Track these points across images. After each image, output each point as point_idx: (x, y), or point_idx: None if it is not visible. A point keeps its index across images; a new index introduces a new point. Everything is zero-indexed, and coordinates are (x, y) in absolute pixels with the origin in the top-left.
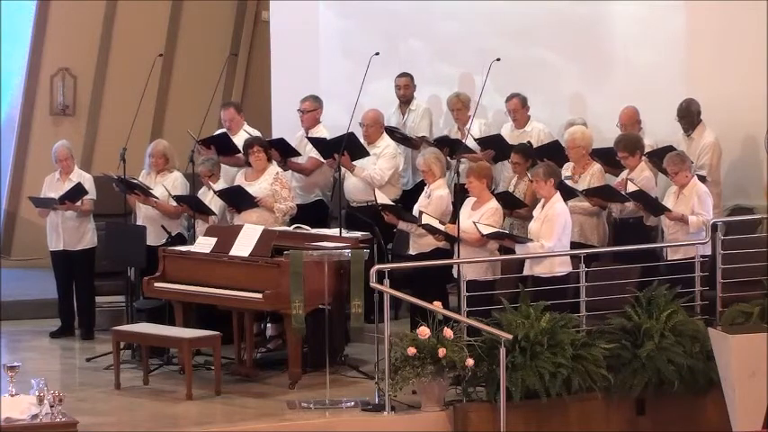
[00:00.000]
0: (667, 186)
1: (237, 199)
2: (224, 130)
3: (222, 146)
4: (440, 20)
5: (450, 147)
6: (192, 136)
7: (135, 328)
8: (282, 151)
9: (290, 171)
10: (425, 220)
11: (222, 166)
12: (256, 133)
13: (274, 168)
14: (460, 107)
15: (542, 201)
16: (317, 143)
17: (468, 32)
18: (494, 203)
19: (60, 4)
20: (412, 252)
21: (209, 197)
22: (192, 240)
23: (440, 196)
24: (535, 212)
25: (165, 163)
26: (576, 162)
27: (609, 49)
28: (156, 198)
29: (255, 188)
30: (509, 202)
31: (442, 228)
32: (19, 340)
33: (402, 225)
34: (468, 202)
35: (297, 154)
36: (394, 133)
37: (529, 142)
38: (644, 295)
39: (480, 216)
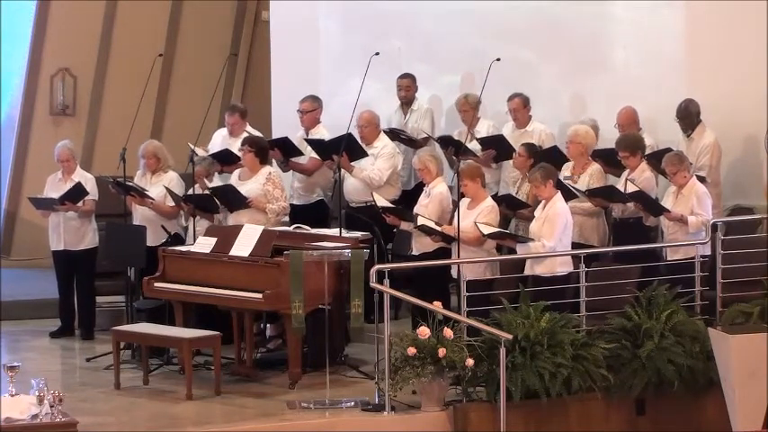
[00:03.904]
0: (667, 187)
1: (229, 198)
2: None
3: (286, 149)
4: (439, 20)
5: (455, 146)
6: (192, 148)
7: (135, 328)
8: (285, 150)
9: (291, 171)
10: (421, 221)
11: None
12: (258, 134)
13: (267, 168)
14: (467, 108)
15: (543, 201)
16: (315, 144)
17: (463, 33)
18: (489, 202)
19: (60, 4)
20: (415, 252)
21: None
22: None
23: (439, 194)
24: (536, 212)
25: (158, 163)
26: (575, 159)
27: (608, 49)
28: (152, 199)
29: (247, 188)
30: (511, 204)
31: (438, 228)
32: (19, 340)
33: (405, 225)
34: (464, 202)
35: (299, 153)
36: (399, 135)
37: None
38: (644, 295)
39: (477, 215)
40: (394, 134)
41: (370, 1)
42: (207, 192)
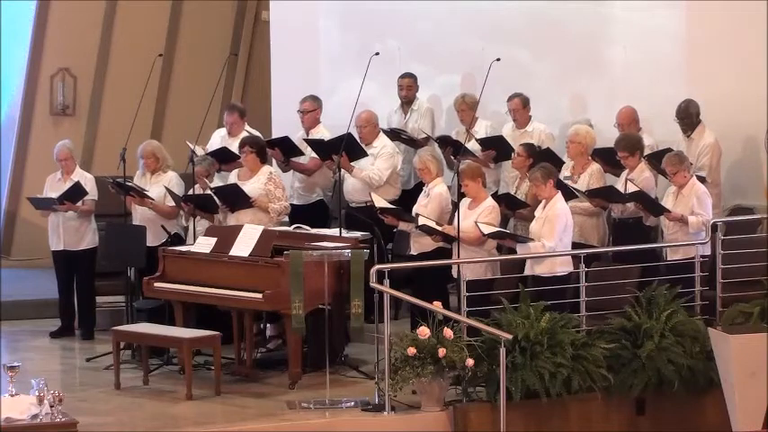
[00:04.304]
0: (667, 187)
1: (233, 198)
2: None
3: (287, 149)
4: (438, 20)
5: (453, 146)
6: (191, 147)
7: (135, 328)
8: (285, 150)
9: (291, 171)
10: (422, 221)
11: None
12: (256, 134)
13: (267, 168)
14: (465, 108)
15: (543, 201)
16: (315, 144)
17: (462, 34)
18: (490, 202)
19: (60, 4)
20: (413, 252)
21: None
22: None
23: (439, 194)
24: (537, 212)
25: (157, 163)
26: (574, 159)
27: (608, 49)
28: (152, 199)
29: (248, 188)
30: (510, 203)
31: (439, 228)
32: (19, 340)
33: (402, 226)
34: (465, 202)
35: (300, 153)
36: (400, 135)
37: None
38: (644, 295)
39: (478, 215)
40: (395, 134)
41: (369, 1)
42: (208, 191)
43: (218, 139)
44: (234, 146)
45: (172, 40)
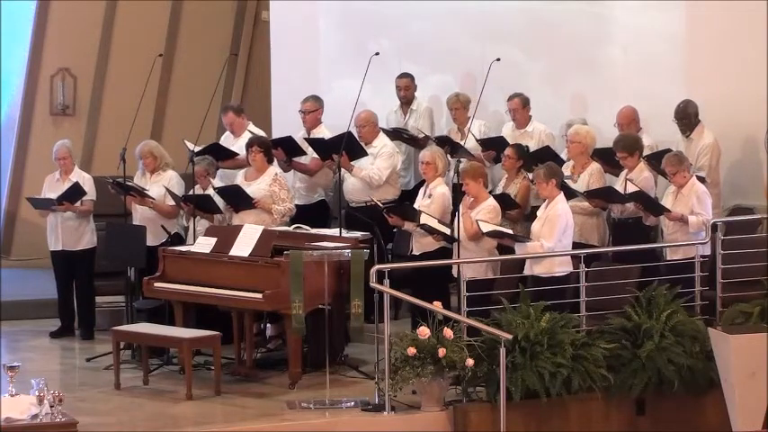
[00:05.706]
0: (667, 187)
1: (236, 198)
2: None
3: (290, 148)
4: (437, 21)
5: (451, 145)
6: (188, 147)
7: (135, 328)
8: (288, 150)
9: (293, 171)
10: (424, 219)
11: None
12: (261, 133)
13: (273, 169)
14: (459, 107)
15: (546, 201)
16: (315, 144)
17: (461, 34)
18: (491, 201)
19: (60, 4)
20: (415, 252)
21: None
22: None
23: (441, 194)
24: (538, 212)
25: (155, 161)
26: (574, 158)
27: (608, 50)
28: (153, 199)
29: (254, 188)
30: (505, 203)
31: (440, 228)
32: (19, 340)
33: (408, 226)
34: (466, 201)
35: (302, 153)
36: (402, 134)
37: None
38: (644, 295)
39: (478, 214)
40: (396, 133)
41: (368, 1)
42: (209, 191)
43: (225, 143)
44: (239, 146)
45: (172, 40)
